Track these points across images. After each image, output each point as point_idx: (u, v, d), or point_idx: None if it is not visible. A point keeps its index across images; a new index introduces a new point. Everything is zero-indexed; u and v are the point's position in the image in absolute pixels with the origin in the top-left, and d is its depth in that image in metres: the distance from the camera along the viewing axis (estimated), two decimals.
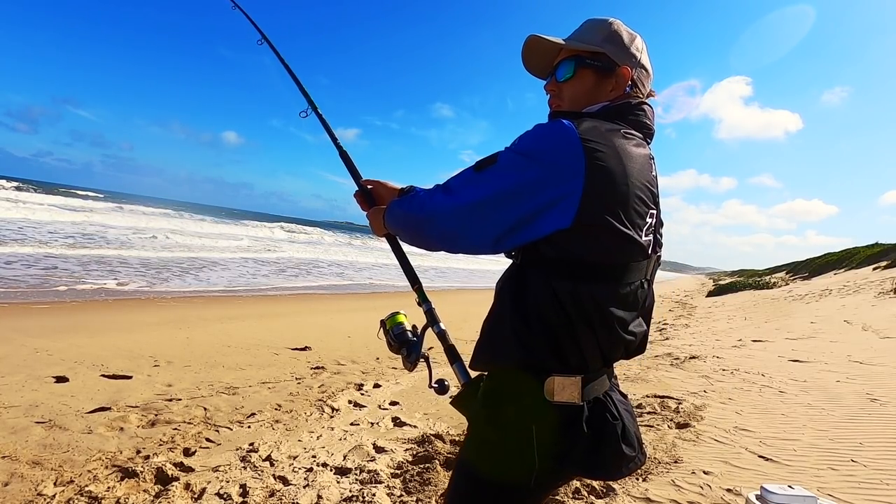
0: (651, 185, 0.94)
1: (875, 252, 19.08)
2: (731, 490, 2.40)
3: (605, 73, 1.01)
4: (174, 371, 4.31)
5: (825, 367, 4.91)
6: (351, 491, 2.38)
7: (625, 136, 0.92)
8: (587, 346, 0.88)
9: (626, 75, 1.00)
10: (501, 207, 0.87)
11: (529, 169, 0.85)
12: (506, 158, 0.89)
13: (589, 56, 1.01)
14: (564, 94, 1.04)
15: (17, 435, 2.75)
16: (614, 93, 1.02)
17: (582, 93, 1.02)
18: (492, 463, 0.91)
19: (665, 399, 3.88)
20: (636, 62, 1.02)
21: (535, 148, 0.86)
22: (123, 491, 2.25)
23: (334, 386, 4.25)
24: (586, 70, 1.01)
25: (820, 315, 9.30)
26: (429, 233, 0.98)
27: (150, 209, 35.62)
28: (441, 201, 0.93)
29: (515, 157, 0.88)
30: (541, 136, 0.87)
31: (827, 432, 3.11)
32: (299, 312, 8.39)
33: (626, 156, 0.88)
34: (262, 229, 35.42)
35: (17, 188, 34.98)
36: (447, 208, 0.92)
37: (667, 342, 7.47)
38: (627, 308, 0.92)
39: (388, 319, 1.25)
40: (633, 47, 1.02)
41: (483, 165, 0.91)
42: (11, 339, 4.71)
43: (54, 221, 18.36)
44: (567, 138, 0.84)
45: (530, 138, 0.88)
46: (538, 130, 0.88)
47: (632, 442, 0.93)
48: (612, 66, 1.00)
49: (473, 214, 0.89)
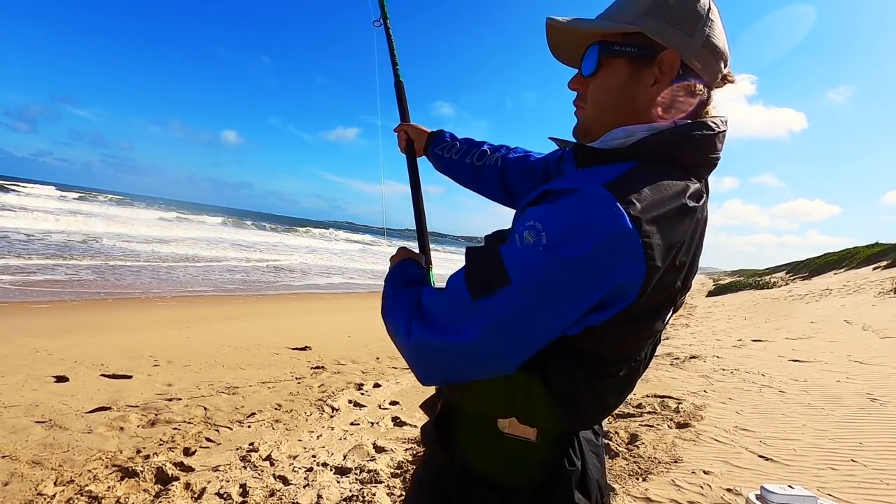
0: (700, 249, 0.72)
1: (875, 252, 19.08)
2: (731, 490, 2.40)
3: (641, 62, 0.70)
4: (174, 371, 4.31)
5: (825, 367, 4.91)
6: (351, 491, 2.38)
7: (692, 200, 0.65)
8: (559, 417, 0.72)
9: (672, 62, 0.68)
10: (525, 331, 0.62)
11: (561, 287, 0.59)
12: (523, 277, 0.59)
13: (619, 40, 0.71)
14: (590, 94, 0.75)
15: (17, 435, 2.75)
16: (657, 88, 0.70)
17: (610, 93, 0.72)
18: (432, 484, 0.82)
19: (665, 399, 3.88)
20: (697, 40, 0.68)
21: (571, 256, 0.57)
22: (123, 491, 2.25)
23: (334, 386, 4.25)
24: (615, 60, 0.71)
25: (820, 315, 9.30)
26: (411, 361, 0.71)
27: (211, 218, 36.31)
28: (424, 339, 0.66)
29: (539, 275, 0.58)
30: (577, 232, 0.58)
31: (827, 432, 3.11)
32: (299, 312, 8.39)
33: (692, 240, 0.66)
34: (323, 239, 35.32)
35: (81, 198, 35.34)
36: (433, 347, 0.66)
37: (667, 342, 7.47)
38: (624, 387, 0.75)
39: None
40: (689, 17, 0.68)
41: (487, 287, 0.61)
42: (11, 339, 4.71)
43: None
44: (619, 237, 0.57)
45: (560, 234, 0.58)
46: (571, 218, 0.59)
47: (590, 491, 0.76)
48: (654, 50, 0.69)
49: (481, 351, 0.63)
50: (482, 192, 1.24)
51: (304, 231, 45.34)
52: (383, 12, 1.39)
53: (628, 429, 3.19)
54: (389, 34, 1.38)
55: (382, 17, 1.39)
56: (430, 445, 0.81)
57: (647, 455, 2.78)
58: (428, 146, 1.30)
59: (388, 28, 1.38)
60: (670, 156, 0.67)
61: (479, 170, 1.20)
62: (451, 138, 1.28)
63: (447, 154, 1.26)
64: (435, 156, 1.29)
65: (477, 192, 1.25)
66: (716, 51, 0.70)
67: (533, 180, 1.11)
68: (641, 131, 0.68)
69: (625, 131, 0.69)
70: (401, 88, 1.38)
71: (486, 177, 1.19)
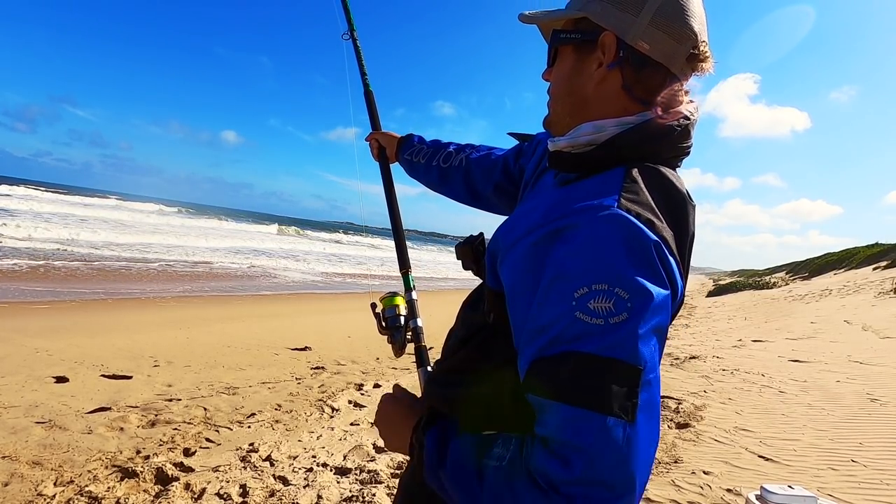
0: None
1: (875, 252, 19.08)
2: (731, 490, 2.41)
3: (585, 48, 0.67)
4: (174, 371, 4.31)
5: (825, 367, 4.92)
6: (351, 491, 2.38)
7: (692, 201, 0.64)
8: None
9: (609, 44, 0.64)
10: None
11: (660, 347, 0.54)
12: (641, 360, 0.50)
13: (567, 28, 0.69)
14: (551, 86, 0.73)
15: (17, 435, 2.75)
16: (599, 72, 0.66)
17: (561, 82, 0.70)
18: (415, 489, 0.77)
19: (665, 399, 3.88)
20: (643, 19, 0.63)
21: (659, 322, 0.52)
22: (123, 491, 2.25)
23: (334, 386, 4.25)
24: (563, 49, 0.70)
25: (820, 315, 9.31)
26: None
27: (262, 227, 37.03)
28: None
29: (648, 353, 0.51)
30: (645, 280, 0.51)
31: (827, 432, 3.11)
32: (299, 312, 8.39)
33: (689, 239, 0.63)
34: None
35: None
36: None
37: (667, 342, 7.46)
38: None
39: (385, 300, 1.14)
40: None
41: (631, 402, 0.49)
42: (11, 339, 4.71)
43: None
44: (664, 256, 0.54)
45: (634, 290, 0.50)
46: (626, 263, 0.52)
47: None
48: (595, 34, 0.65)
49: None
50: (450, 194, 1.21)
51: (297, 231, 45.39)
52: (350, 26, 1.47)
53: None
54: (357, 46, 1.46)
55: (350, 31, 1.47)
56: (412, 452, 0.76)
57: None
58: (398, 152, 1.30)
59: (356, 40, 1.46)
60: (650, 151, 0.65)
61: (445, 172, 1.17)
62: (419, 142, 1.27)
63: (415, 158, 1.25)
64: (405, 161, 1.29)
65: (445, 195, 1.22)
66: (672, 30, 0.63)
67: (494, 178, 1.08)
68: (611, 126, 0.64)
69: (593, 126, 0.65)
70: (370, 98, 1.43)
71: (453, 178, 1.16)
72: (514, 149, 1.07)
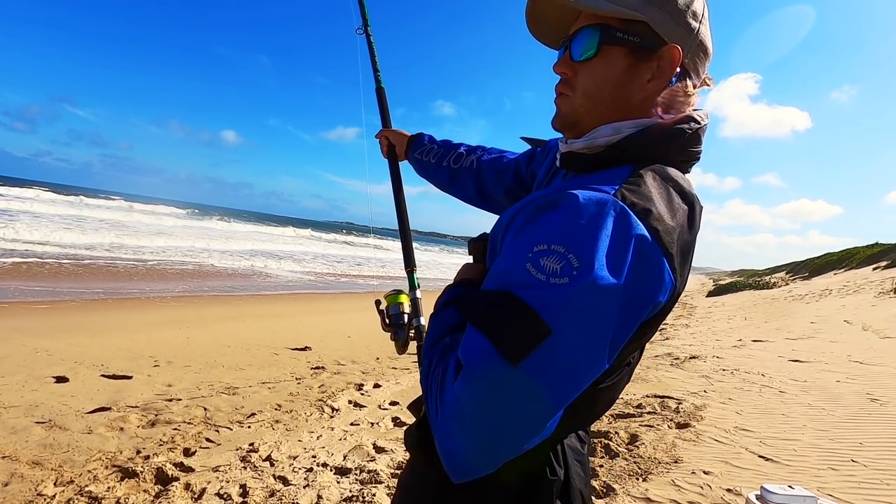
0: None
1: (875, 252, 19.08)
2: (731, 490, 2.41)
3: (642, 55, 0.65)
4: (174, 371, 4.31)
5: (825, 367, 4.92)
6: (351, 491, 2.38)
7: (698, 203, 0.64)
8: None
9: (674, 58, 0.64)
10: (577, 383, 0.54)
11: (608, 320, 0.52)
12: (566, 321, 0.50)
13: (621, 27, 0.64)
14: (580, 83, 0.68)
15: (17, 435, 2.75)
16: (653, 85, 0.65)
17: (605, 86, 0.66)
18: (414, 489, 0.79)
19: (665, 399, 3.88)
20: (693, 38, 0.65)
21: (613, 283, 0.51)
22: (123, 491, 2.25)
23: (334, 386, 4.25)
24: (616, 48, 0.65)
25: (820, 315, 9.31)
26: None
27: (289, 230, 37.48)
28: (469, 453, 0.55)
29: (583, 312, 0.51)
30: (612, 254, 0.52)
31: (827, 432, 3.11)
32: (299, 312, 8.39)
33: (692, 240, 0.62)
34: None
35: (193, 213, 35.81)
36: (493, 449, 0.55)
37: (667, 342, 7.47)
38: (614, 392, 0.71)
39: (389, 297, 1.14)
40: (689, 12, 0.64)
41: (525, 346, 0.50)
42: (11, 339, 4.71)
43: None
44: (649, 255, 0.54)
45: (589, 257, 0.51)
46: (594, 236, 0.52)
47: (572, 501, 0.72)
48: (656, 43, 0.64)
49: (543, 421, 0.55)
50: (459, 195, 1.21)
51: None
52: (365, 21, 1.45)
53: (628, 429, 3.19)
54: (371, 42, 1.45)
55: (364, 26, 1.45)
56: (411, 450, 0.76)
57: (647, 455, 2.78)
58: (408, 150, 1.30)
59: (370, 36, 1.45)
60: (661, 153, 0.65)
61: (455, 173, 1.18)
62: (429, 141, 1.27)
63: (425, 158, 1.25)
64: (415, 160, 1.29)
65: (454, 195, 1.22)
66: (707, 51, 0.68)
67: (505, 181, 1.08)
68: (628, 128, 0.65)
69: (613, 128, 0.66)
70: (382, 94, 1.42)
71: (463, 180, 1.17)
72: (527, 153, 1.08)
